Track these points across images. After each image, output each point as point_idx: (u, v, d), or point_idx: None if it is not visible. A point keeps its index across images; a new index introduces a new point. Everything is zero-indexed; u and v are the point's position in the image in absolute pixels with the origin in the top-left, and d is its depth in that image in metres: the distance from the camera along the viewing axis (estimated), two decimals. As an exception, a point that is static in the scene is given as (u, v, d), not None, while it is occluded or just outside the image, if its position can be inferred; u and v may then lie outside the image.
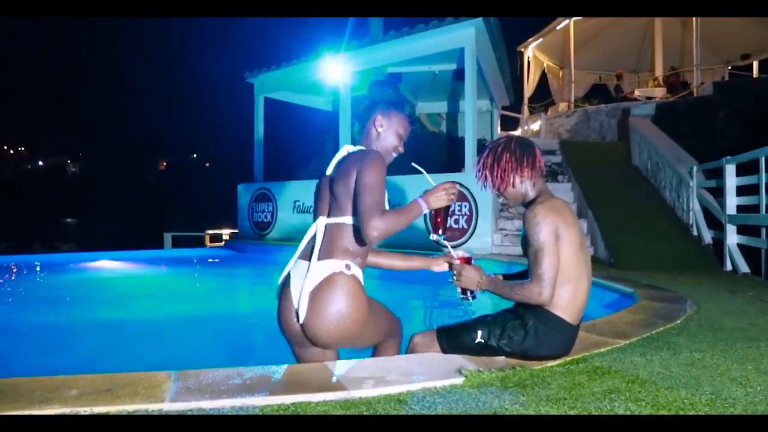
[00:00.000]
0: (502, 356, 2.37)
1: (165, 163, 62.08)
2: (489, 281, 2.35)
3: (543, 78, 20.11)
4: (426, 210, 2.20)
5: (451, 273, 2.46)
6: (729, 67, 17.95)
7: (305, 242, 2.28)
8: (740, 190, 6.85)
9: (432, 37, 9.46)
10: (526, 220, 2.25)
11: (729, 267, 6.67)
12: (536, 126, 17.78)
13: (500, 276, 2.61)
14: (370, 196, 2.04)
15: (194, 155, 63.76)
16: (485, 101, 13.54)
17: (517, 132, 18.16)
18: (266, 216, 11.65)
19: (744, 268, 6.35)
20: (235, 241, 12.34)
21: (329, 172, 2.30)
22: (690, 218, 8.03)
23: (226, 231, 15.02)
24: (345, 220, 2.19)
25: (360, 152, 2.23)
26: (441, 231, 2.34)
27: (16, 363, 3.62)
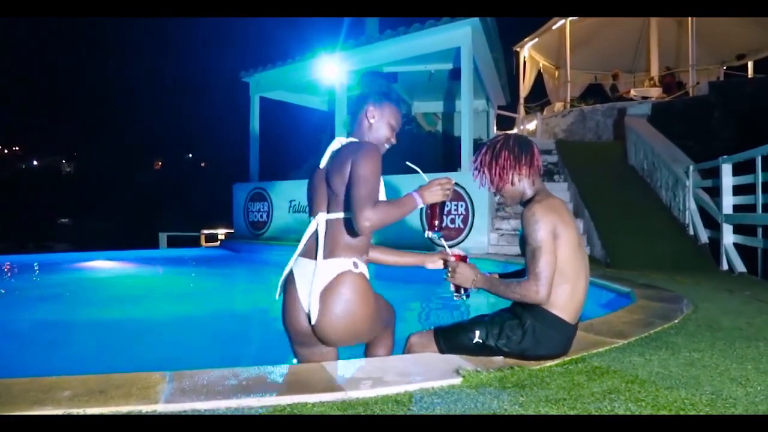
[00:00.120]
0: (500, 356, 2.35)
1: (160, 163, 61.92)
2: (484, 280, 2.33)
3: (539, 78, 20.09)
4: (420, 204, 2.17)
5: (446, 270, 2.43)
6: (724, 68, 17.98)
7: (306, 239, 2.26)
8: (736, 190, 6.85)
9: (428, 37, 9.45)
10: (524, 219, 2.23)
11: (725, 266, 6.67)
12: (532, 126, 17.78)
13: (496, 275, 2.59)
14: (364, 187, 2.02)
15: (190, 155, 63.62)
16: (481, 101, 13.55)
17: (513, 132, 18.14)
18: (262, 216, 11.62)
19: (740, 268, 6.35)
20: (231, 241, 12.31)
21: (323, 165, 2.27)
22: (686, 218, 8.04)
23: (222, 231, 14.99)
24: (346, 215, 2.16)
25: (354, 144, 2.21)
26: (436, 228, 2.30)
27: (9, 364, 3.58)
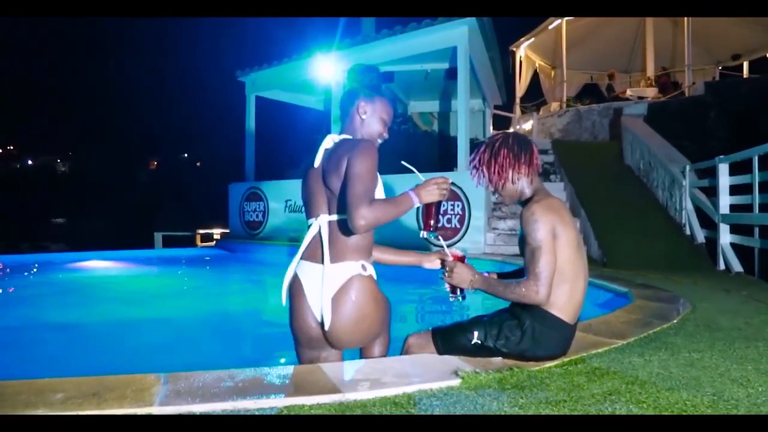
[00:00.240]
0: (499, 357, 2.33)
1: (156, 163, 61.77)
2: (482, 280, 2.30)
3: (535, 77, 20.11)
4: (417, 203, 2.13)
5: (443, 270, 2.40)
6: (720, 68, 18.02)
7: (307, 242, 2.22)
8: (733, 190, 6.85)
9: (425, 36, 9.43)
10: (524, 219, 2.21)
11: (722, 266, 6.67)
12: (528, 125, 17.78)
13: (494, 275, 2.56)
14: (360, 185, 1.99)
15: (185, 154, 63.49)
16: (478, 100, 13.53)
17: (512, 130, 18.14)
18: (257, 215, 11.58)
19: (737, 267, 6.34)
20: (227, 241, 12.26)
21: (317, 164, 2.22)
22: (683, 217, 8.03)
23: (218, 230, 14.93)
24: None
25: (350, 141, 2.17)
26: (432, 228, 2.26)
27: (1, 365, 3.54)
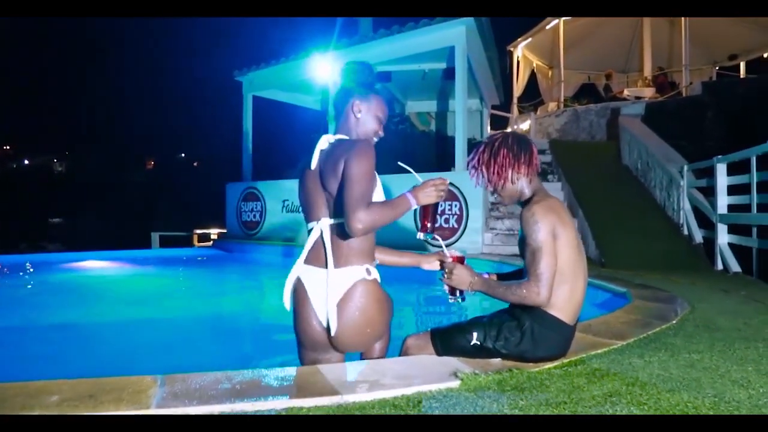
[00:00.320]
0: (498, 358, 2.32)
1: (152, 162, 61.62)
2: (482, 282, 2.28)
3: (532, 77, 20.11)
4: (414, 205, 2.12)
5: (442, 271, 2.39)
6: (716, 68, 18.04)
7: (309, 245, 2.19)
8: (730, 190, 6.85)
9: (422, 36, 9.42)
10: (524, 220, 2.19)
11: (720, 266, 6.66)
12: (525, 125, 17.78)
13: (494, 276, 2.55)
14: (357, 187, 1.97)
15: (182, 154, 63.34)
16: (475, 100, 13.52)
17: (511, 130, 18.14)
18: (255, 215, 11.56)
19: (735, 268, 6.34)
20: (224, 241, 12.24)
21: (314, 166, 2.19)
22: (680, 217, 8.03)
23: (215, 230, 14.90)
24: None
25: (346, 142, 2.14)
26: (428, 230, 2.25)
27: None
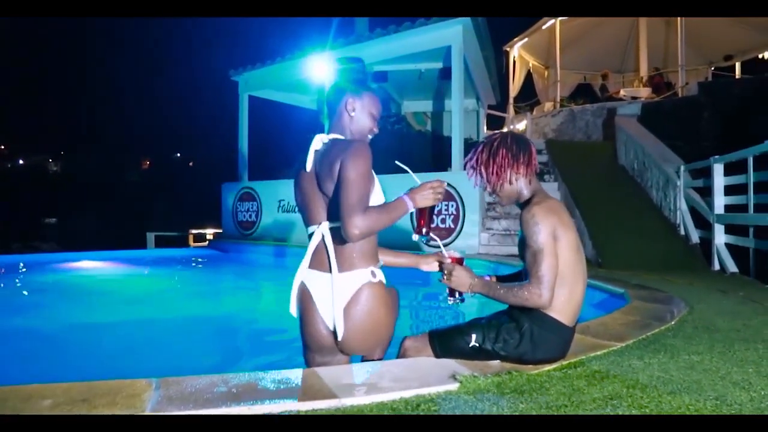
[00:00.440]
0: (497, 360, 2.30)
1: (148, 162, 61.41)
2: (482, 284, 2.26)
3: (528, 77, 20.11)
4: (411, 208, 2.10)
5: (441, 273, 2.37)
6: (712, 68, 18.08)
7: (312, 250, 2.17)
8: (727, 190, 6.84)
9: (419, 35, 9.40)
10: (524, 221, 2.17)
11: (717, 266, 6.66)
12: (522, 125, 17.77)
13: (493, 278, 2.53)
14: (354, 192, 1.94)
15: (178, 154, 63.15)
16: (472, 100, 13.52)
17: (510, 130, 18.13)
18: (251, 215, 11.52)
19: (732, 268, 6.33)
20: (219, 241, 12.20)
21: (309, 167, 2.16)
22: (677, 218, 8.03)
23: (210, 230, 14.87)
24: None
25: (341, 142, 2.12)
26: (424, 232, 2.22)
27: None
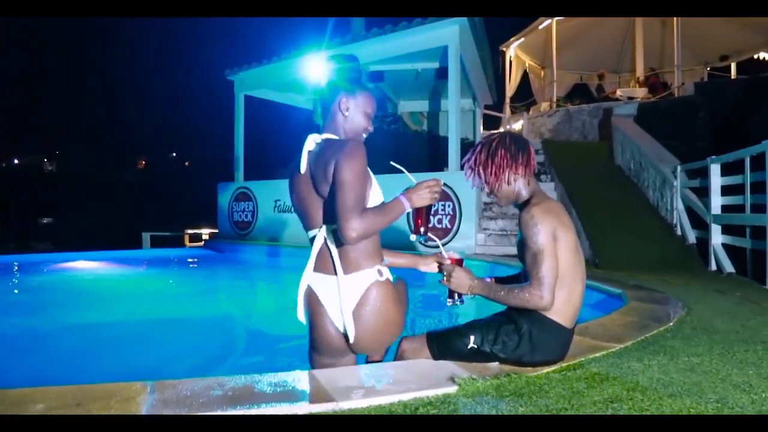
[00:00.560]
0: (496, 362, 2.28)
1: (144, 162, 61.24)
2: (482, 286, 2.24)
3: (525, 77, 20.12)
4: (408, 208, 2.08)
5: (441, 274, 2.35)
6: (708, 68, 18.11)
7: (315, 253, 2.15)
8: (724, 190, 6.85)
9: (415, 35, 9.37)
10: (522, 222, 2.16)
11: (714, 267, 6.66)
12: (518, 125, 17.77)
13: (491, 279, 2.51)
14: (349, 194, 1.92)
15: (173, 154, 62.99)
16: (468, 100, 13.49)
17: (508, 129, 18.11)
18: (246, 215, 11.49)
19: (729, 268, 6.34)
20: (215, 241, 12.16)
21: (304, 169, 2.14)
22: (674, 218, 8.04)
23: (206, 231, 14.83)
24: None
25: (335, 143, 2.09)
26: (422, 232, 2.20)
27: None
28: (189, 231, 14.94)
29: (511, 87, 19.35)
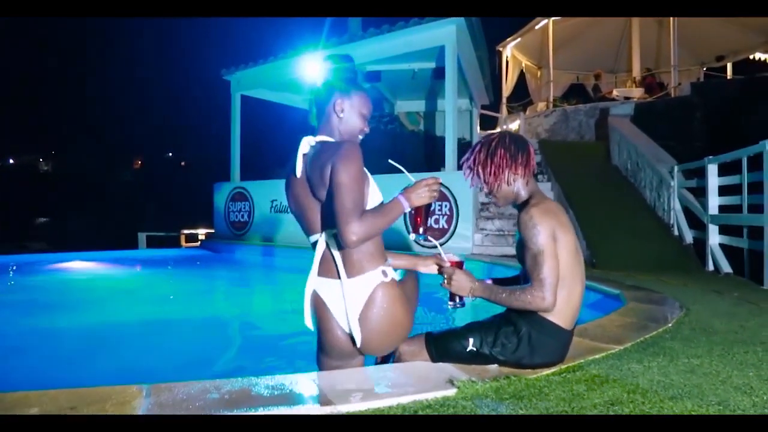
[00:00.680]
0: (495, 364, 2.26)
1: (140, 162, 61.09)
2: (483, 288, 2.23)
3: (521, 77, 20.11)
4: (407, 208, 2.06)
5: (442, 276, 2.33)
6: (704, 69, 18.14)
7: (318, 258, 2.14)
8: (721, 190, 6.84)
9: (412, 35, 9.35)
10: (522, 223, 2.14)
11: (711, 267, 6.65)
12: (515, 125, 17.75)
13: (489, 281, 2.49)
14: (348, 197, 1.90)
15: (170, 153, 62.84)
16: (465, 100, 13.48)
17: (507, 129, 18.09)
18: (243, 216, 11.45)
19: (726, 268, 6.33)
20: (211, 241, 12.13)
21: (300, 173, 2.12)
22: (671, 218, 8.03)
23: (202, 231, 14.80)
24: None
25: (330, 146, 2.07)
26: (421, 231, 2.19)
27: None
28: (185, 231, 14.91)
29: (508, 87, 19.33)
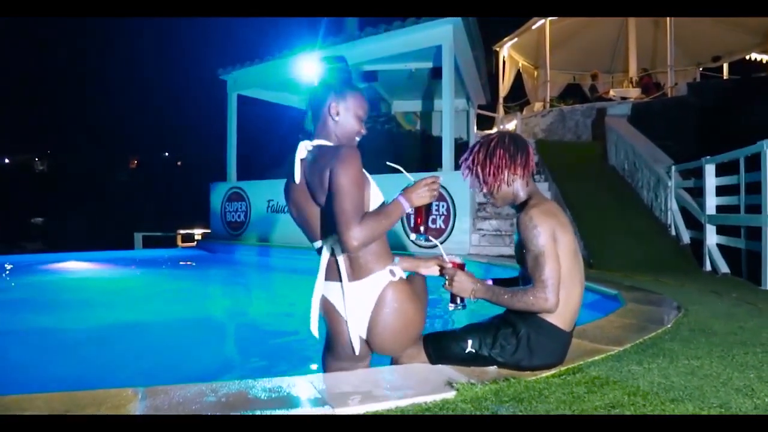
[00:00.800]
0: (494, 366, 2.24)
1: (136, 162, 60.95)
2: (485, 289, 2.21)
3: (518, 77, 20.11)
4: (408, 209, 2.05)
5: (443, 278, 2.31)
6: (700, 69, 18.17)
7: (324, 263, 2.13)
8: (719, 191, 6.84)
9: (409, 35, 9.34)
10: (521, 224, 2.12)
11: (708, 267, 6.65)
12: (512, 125, 17.76)
13: (489, 281, 2.47)
14: (348, 201, 1.88)
15: (166, 153, 62.71)
16: (462, 100, 13.48)
17: (507, 129, 18.09)
18: (239, 216, 11.42)
19: (724, 269, 6.32)
20: (208, 242, 12.10)
21: (299, 179, 2.09)
22: (668, 218, 8.02)
23: (199, 231, 14.75)
24: None
25: (328, 150, 2.04)
26: (421, 231, 2.17)
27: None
28: (181, 231, 14.85)
29: (505, 87, 19.33)
